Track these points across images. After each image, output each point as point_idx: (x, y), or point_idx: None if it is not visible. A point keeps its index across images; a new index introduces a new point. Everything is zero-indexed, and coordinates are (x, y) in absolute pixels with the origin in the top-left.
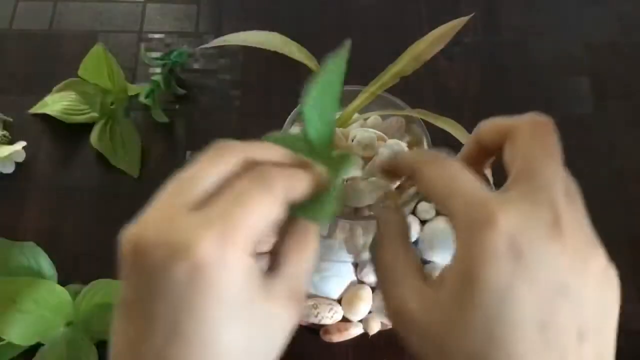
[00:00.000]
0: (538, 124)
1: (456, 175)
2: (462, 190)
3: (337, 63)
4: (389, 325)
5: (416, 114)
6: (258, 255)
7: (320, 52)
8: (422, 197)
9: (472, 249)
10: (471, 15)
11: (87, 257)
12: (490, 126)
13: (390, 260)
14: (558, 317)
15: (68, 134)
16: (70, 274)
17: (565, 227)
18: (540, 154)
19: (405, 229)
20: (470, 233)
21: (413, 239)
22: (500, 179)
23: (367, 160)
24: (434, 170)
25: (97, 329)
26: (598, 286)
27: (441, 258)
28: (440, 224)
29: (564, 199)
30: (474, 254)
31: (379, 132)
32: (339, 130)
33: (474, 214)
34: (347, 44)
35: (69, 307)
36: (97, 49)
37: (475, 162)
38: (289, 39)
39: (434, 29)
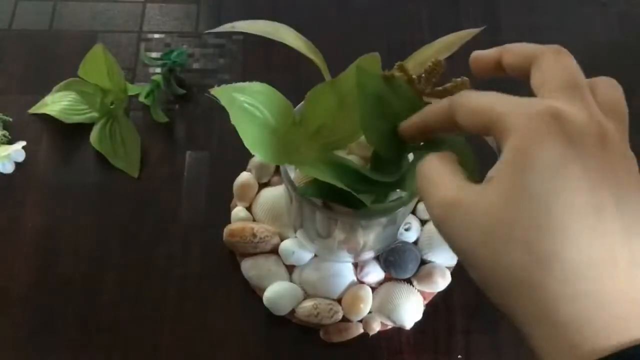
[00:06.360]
0: (561, 52)
1: (499, 94)
2: (510, 97)
3: None
4: (389, 325)
5: None
6: None
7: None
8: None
9: (526, 133)
10: (482, 28)
11: (87, 256)
12: (518, 49)
13: (438, 163)
14: (607, 205)
15: (68, 134)
16: (71, 273)
17: (608, 129)
18: (567, 72)
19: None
20: (524, 121)
21: (413, 239)
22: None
23: (366, 160)
24: (476, 95)
25: None
26: (635, 189)
27: (441, 258)
28: None
29: (595, 104)
30: (528, 137)
31: None
32: None
33: (528, 107)
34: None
35: None
36: (97, 49)
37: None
38: (299, 34)
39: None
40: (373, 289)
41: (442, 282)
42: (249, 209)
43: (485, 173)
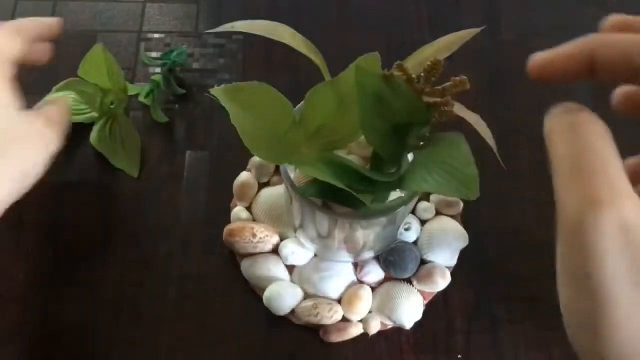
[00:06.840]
0: None
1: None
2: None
3: None
4: (389, 325)
5: None
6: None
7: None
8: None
9: None
10: (482, 28)
11: (87, 256)
12: None
13: (605, 140)
14: None
15: (68, 134)
16: (71, 273)
17: None
18: None
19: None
20: None
21: (413, 239)
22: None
23: (366, 160)
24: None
25: None
26: None
27: (441, 258)
28: (440, 224)
29: None
30: None
31: None
32: None
33: None
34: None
35: None
36: (97, 49)
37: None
38: (296, 32)
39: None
40: (373, 289)
41: (442, 282)
42: (249, 209)
43: (485, 175)
